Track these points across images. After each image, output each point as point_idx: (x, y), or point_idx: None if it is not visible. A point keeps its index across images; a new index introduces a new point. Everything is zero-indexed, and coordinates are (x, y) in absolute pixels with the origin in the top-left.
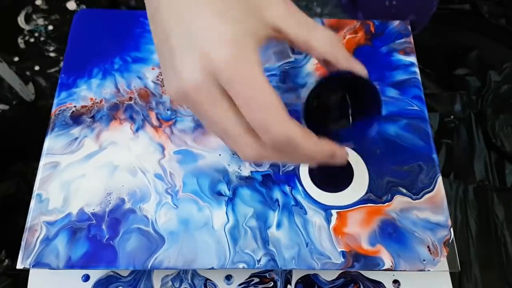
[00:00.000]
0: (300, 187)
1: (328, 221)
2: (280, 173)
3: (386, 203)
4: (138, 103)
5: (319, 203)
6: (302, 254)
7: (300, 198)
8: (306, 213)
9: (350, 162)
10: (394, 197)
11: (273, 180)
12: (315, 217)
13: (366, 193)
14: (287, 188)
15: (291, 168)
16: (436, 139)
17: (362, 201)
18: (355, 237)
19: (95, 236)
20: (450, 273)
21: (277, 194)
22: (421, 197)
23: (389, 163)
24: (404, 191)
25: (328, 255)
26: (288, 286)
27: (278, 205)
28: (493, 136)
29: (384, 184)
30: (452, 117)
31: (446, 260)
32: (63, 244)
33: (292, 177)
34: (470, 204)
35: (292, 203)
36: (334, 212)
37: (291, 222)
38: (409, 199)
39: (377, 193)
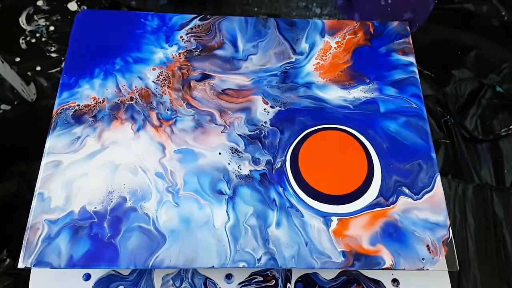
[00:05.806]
0: (290, 190)
1: (328, 225)
2: (273, 171)
3: (391, 206)
4: (139, 103)
5: (315, 209)
6: (302, 253)
7: (294, 201)
8: (303, 216)
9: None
10: (399, 198)
11: (269, 180)
12: (313, 221)
13: (377, 197)
14: (280, 189)
15: (279, 165)
16: (435, 139)
17: (370, 206)
18: (356, 238)
19: (97, 235)
20: (449, 272)
21: (273, 194)
22: (422, 197)
23: (394, 161)
24: (407, 191)
25: (328, 254)
26: (288, 284)
27: (276, 205)
28: (491, 136)
29: (392, 184)
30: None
31: (445, 260)
32: (65, 242)
33: (281, 176)
34: (469, 204)
35: (288, 204)
36: (334, 218)
37: (290, 222)
38: (411, 200)
39: (386, 195)
